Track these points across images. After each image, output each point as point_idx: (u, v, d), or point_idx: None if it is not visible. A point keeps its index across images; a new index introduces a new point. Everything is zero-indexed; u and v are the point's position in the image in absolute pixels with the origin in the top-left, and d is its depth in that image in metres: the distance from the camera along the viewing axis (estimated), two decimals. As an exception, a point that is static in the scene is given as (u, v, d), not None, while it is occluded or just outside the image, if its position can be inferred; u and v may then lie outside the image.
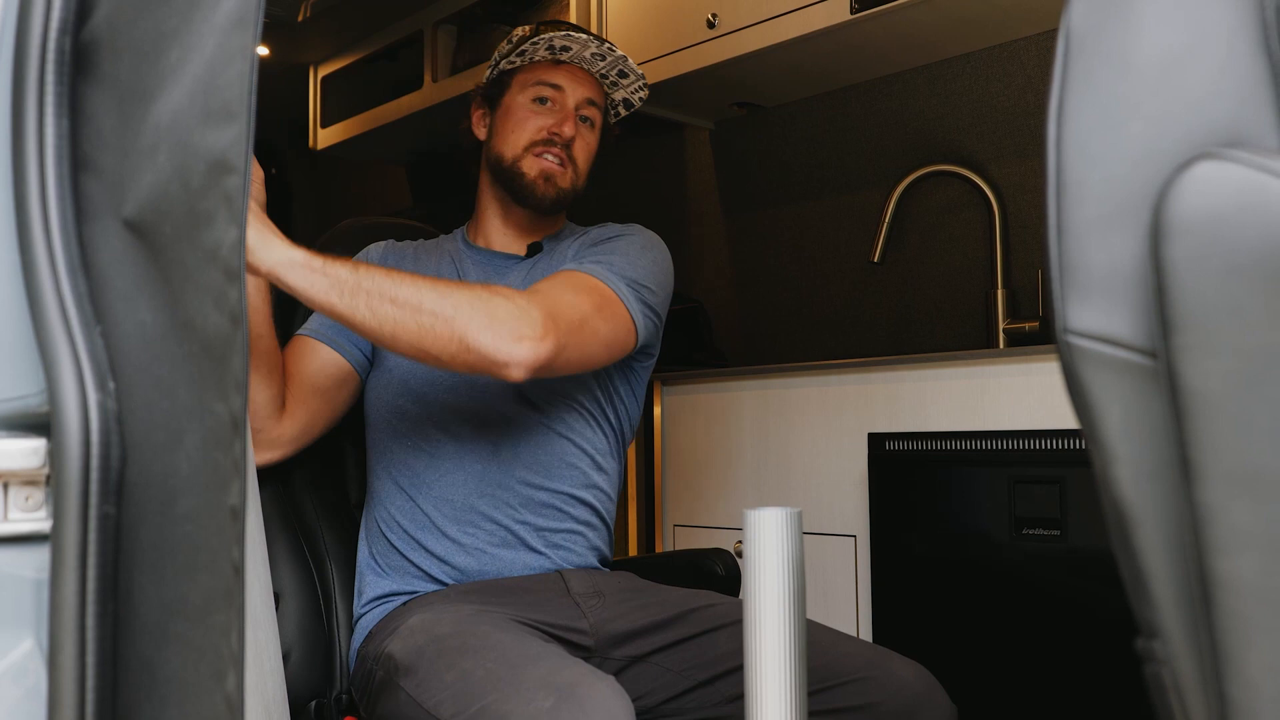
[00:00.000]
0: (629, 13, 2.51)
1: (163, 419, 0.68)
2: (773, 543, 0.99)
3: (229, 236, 0.66)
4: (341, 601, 1.58)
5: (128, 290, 0.69)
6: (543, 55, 1.62)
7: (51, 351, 0.67)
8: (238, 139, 0.66)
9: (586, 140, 1.66)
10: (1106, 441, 0.55)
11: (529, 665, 1.20)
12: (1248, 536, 0.51)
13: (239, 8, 0.67)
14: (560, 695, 1.12)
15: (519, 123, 1.63)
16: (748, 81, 2.50)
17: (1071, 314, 0.56)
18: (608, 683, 1.16)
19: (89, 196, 0.71)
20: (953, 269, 2.36)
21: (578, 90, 1.64)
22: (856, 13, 2.06)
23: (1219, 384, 0.51)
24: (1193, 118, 0.56)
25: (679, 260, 1.79)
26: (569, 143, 1.62)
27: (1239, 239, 0.50)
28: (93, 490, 0.65)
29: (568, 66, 1.64)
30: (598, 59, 1.63)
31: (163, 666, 0.67)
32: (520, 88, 1.65)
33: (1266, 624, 0.51)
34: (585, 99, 1.64)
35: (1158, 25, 0.58)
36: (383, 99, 3.20)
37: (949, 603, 1.80)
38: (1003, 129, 2.27)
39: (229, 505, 0.66)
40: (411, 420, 1.57)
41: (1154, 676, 0.56)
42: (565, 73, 1.64)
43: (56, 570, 0.65)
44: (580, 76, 1.64)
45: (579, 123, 1.64)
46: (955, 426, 1.80)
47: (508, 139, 1.63)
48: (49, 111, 0.70)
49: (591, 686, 1.14)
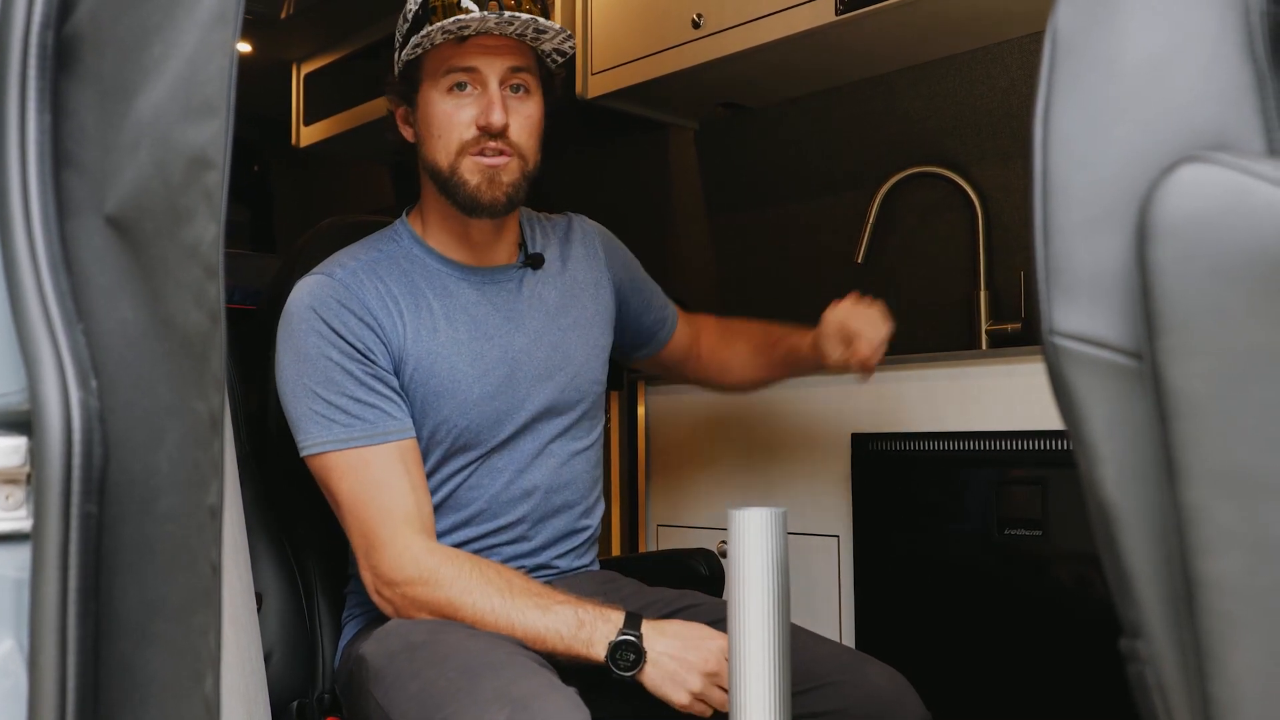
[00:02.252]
0: (614, 12, 2.51)
1: (144, 417, 0.68)
2: (757, 542, 0.99)
3: (208, 233, 0.66)
4: (324, 602, 1.58)
5: (109, 287, 0.69)
6: (442, 39, 1.39)
7: (33, 349, 0.67)
8: (217, 135, 0.65)
9: (524, 113, 1.44)
10: (1092, 442, 0.56)
11: (489, 676, 1.19)
12: (1231, 536, 0.51)
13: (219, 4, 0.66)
14: (515, 708, 1.12)
15: (442, 123, 1.43)
16: (732, 82, 2.50)
17: (1057, 315, 0.57)
18: (565, 695, 1.16)
19: (71, 192, 0.70)
20: (936, 270, 2.37)
21: (495, 64, 1.42)
22: (841, 14, 2.06)
23: (1203, 385, 0.51)
24: (1178, 121, 0.56)
25: (663, 259, 1.80)
26: (504, 130, 1.41)
27: (1224, 242, 0.51)
28: (74, 489, 0.65)
29: (475, 40, 1.40)
30: (505, 25, 1.39)
31: (143, 667, 0.66)
32: (431, 79, 1.44)
33: (1250, 623, 0.51)
34: (508, 69, 1.42)
35: (1143, 29, 0.58)
36: (366, 97, 3.18)
37: (932, 602, 1.80)
38: (986, 131, 2.28)
39: (208, 504, 0.66)
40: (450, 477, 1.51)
41: (1137, 676, 0.57)
42: (475, 48, 1.41)
43: (37, 570, 0.65)
44: (493, 44, 1.41)
45: (510, 96, 1.43)
46: (938, 427, 1.81)
47: (436, 145, 1.44)
48: (31, 107, 0.69)
49: (547, 699, 1.14)
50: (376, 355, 1.42)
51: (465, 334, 1.47)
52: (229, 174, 0.66)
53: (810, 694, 1.33)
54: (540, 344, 1.52)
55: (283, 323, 1.45)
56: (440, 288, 1.49)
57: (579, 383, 1.56)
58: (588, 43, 2.54)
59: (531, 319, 1.53)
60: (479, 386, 1.46)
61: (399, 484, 1.40)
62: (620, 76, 2.46)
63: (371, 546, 1.38)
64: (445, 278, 1.51)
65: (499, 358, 1.48)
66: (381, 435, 1.41)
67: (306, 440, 1.41)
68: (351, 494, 1.40)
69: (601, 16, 2.54)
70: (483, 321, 1.49)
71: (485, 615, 1.32)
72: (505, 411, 1.48)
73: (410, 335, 1.44)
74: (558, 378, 1.53)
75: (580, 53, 2.54)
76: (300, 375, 1.41)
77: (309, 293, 1.44)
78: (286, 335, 1.43)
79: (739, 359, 1.81)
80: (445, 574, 1.35)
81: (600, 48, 2.51)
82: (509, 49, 1.42)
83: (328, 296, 1.43)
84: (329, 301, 1.42)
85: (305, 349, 1.41)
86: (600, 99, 2.53)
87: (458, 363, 1.45)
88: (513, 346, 1.50)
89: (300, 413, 1.41)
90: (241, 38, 1.58)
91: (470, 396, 1.45)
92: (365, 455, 1.40)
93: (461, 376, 1.45)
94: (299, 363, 1.41)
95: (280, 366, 1.44)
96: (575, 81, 2.53)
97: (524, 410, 1.50)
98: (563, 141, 1.63)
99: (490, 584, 1.34)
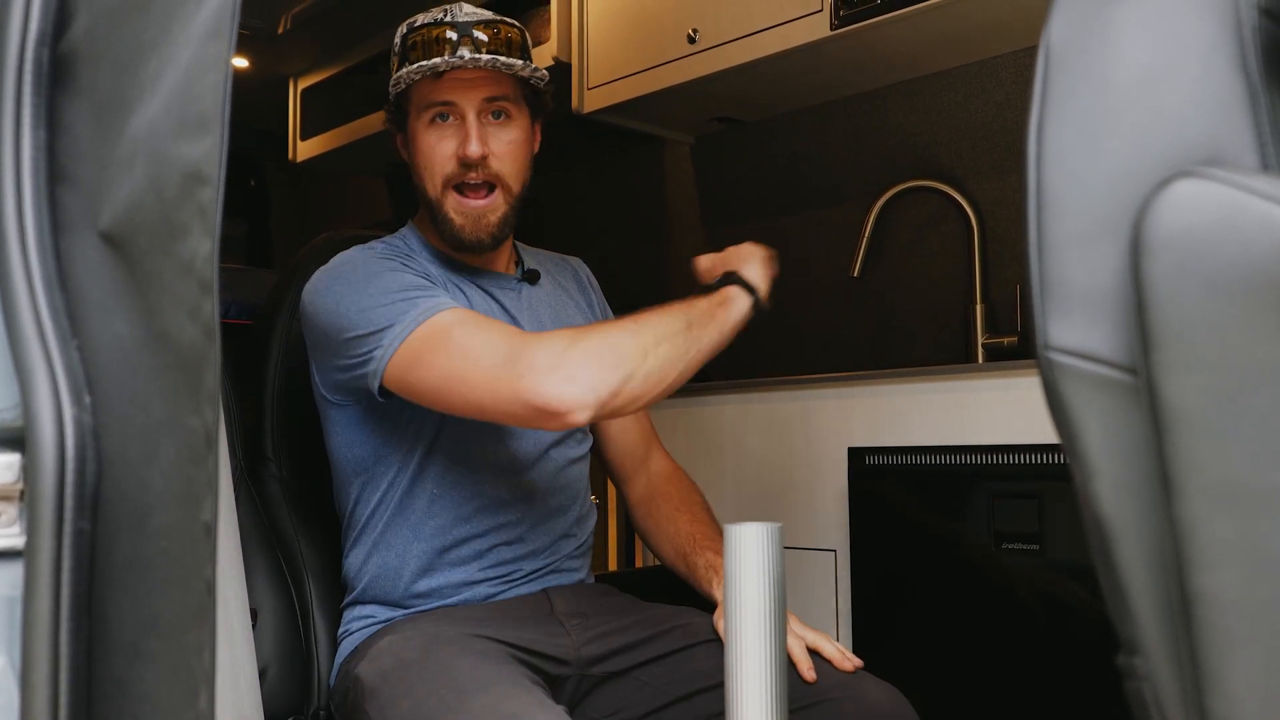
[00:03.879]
0: (609, 27, 2.52)
1: (138, 433, 0.68)
2: (753, 558, 0.98)
3: (203, 248, 0.66)
4: (320, 618, 1.57)
5: (104, 302, 0.69)
6: (420, 76, 1.44)
7: (27, 365, 0.67)
8: (212, 150, 0.65)
9: (505, 139, 1.48)
10: (1087, 457, 0.56)
11: (479, 693, 1.20)
12: (1228, 551, 0.51)
13: (214, 18, 0.66)
14: None
15: (427, 155, 1.47)
16: (728, 96, 2.51)
17: (1052, 330, 0.57)
18: (553, 713, 1.17)
19: (66, 208, 0.70)
20: (932, 284, 2.37)
21: (471, 95, 1.45)
22: (837, 29, 2.07)
23: (1198, 400, 0.51)
24: (1171, 135, 0.57)
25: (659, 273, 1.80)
26: (483, 160, 1.45)
27: (1218, 257, 0.51)
28: (67, 506, 0.64)
29: (451, 73, 1.44)
30: (474, 63, 1.43)
31: (136, 685, 0.66)
32: (416, 111, 1.49)
33: (1247, 638, 0.51)
34: (482, 99, 1.46)
35: (1136, 43, 0.58)
36: (363, 112, 3.19)
37: (929, 616, 1.80)
38: (981, 145, 2.29)
39: (202, 521, 0.66)
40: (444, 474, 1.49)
41: (1135, 693, 0.56)
42: (451, 82, 1.45)
43: (30, 586, 0.64)
44: (470, 76, 1.45)
45: (490, 123, 1.47)
46: (935, 441, 1.81)
47: (425, 176, 1.49)
48: (26, 123, 0.69)
49: (535, 716, 1.15)
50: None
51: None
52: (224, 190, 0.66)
53: (808, 711, 1.33)
54: None
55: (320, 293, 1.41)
56: (450, 282, 1.53)
57: None
58: (584, 58, 2.54)
59: (533, 323, 1.56)
60: None
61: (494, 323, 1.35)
62: (616, 91, 2.47)
63: (515, 360, 1.25)
64: (453, 274, 1.55)
65: None
66: (452, 303, 1.37)
67: (386, 340, 1.33)
68: (462, 345, 1.30)
69: (597, 32, 2.54)
70: (493, 316, 1.52)
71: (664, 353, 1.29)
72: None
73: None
74: None
75: (576, 68, 2.55)
76: (355, 303, 1.36)
77: (353, 252, 1.46)
78: (333, 291, 1.39)
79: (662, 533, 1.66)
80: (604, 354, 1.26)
81: (596, 63, 2.52)
82: (485, 80, 1.46)
83: (372, 254, 1.45)
84: (375, 256, 1.45)
85: (354, 282, 1.38)
86: (596, 114, 2.54)
87: None
88: None
89: (371, 326, 1.34)
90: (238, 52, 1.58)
91: None
92: (446, 318, 1.33)
93: None
94: (353, 297, 1.37)
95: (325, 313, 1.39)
96: (571, 96, 2.54)
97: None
98: (559, 156, 1.64)
99: (629, 331, 1.30)
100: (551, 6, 2.59)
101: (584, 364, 1.24)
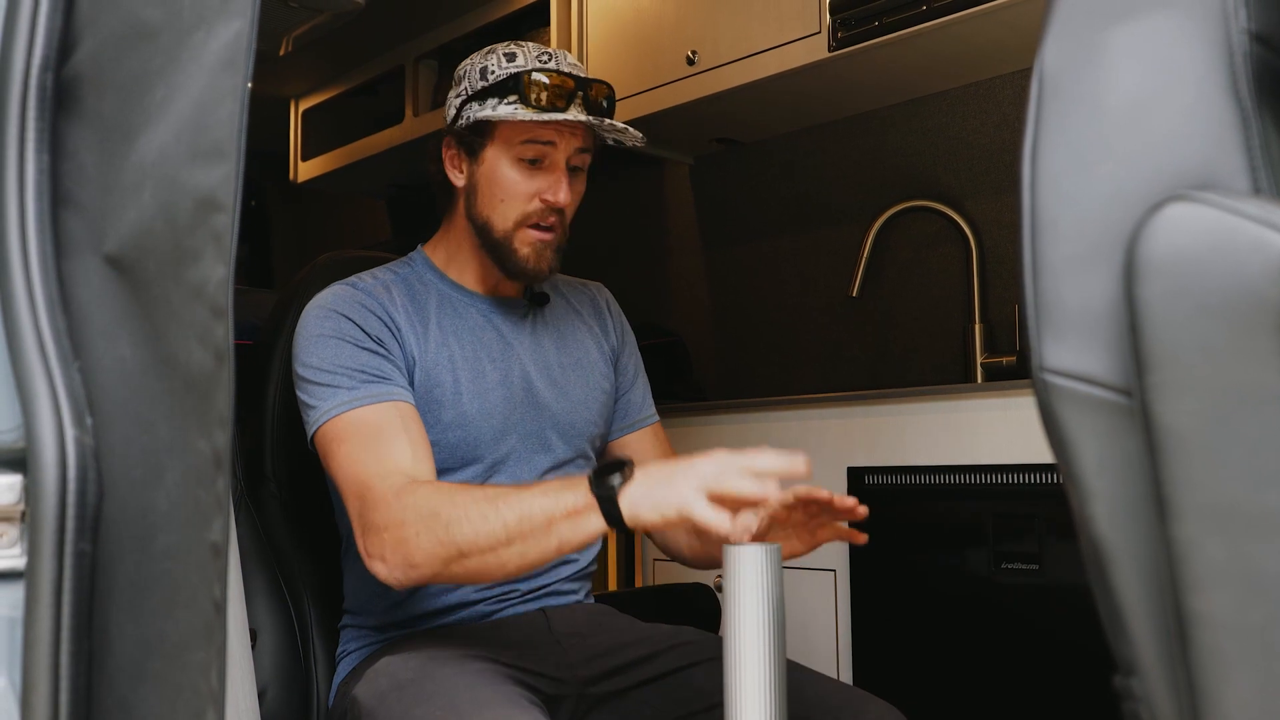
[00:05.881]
0: (609, 49, 2.53)
1: (141, 455, 0.68)
2: (753, 578, 0.99)
3: (216, 274, 0.66)
4: (319, 638, 1.57)
5: (108, 326, 0.69)
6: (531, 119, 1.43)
7: (29, 387, 0.67)
8: (227, 178, 0.66)
9: (576, 192, 1.51)
10: (1082, 479, 0.56)
11: (475, 714, 1.20)
12: (1223, 572, 0.51)
13: (229, 50, 0.67)
14: None
15: (509, 192, 1.47)
16: (727, 117, 2.52)
17: (1047, 352, 0.57)
18: None
19: (69, 232, 0.70)
20: (930, 304, 2.38)
21: (570, 143, 1.47)
22: (835, 50, 2.09)
23: (1192, 421, 0.52)
24: (1164, 159, 0.57)
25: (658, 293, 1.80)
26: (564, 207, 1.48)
27: (1210, 280, 0.51)
28: (69, 527, 0.65)
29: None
30: (611, 130, 1.47)
31: (139, 705, 0.66)
32: (506, 144, 1.47)
33: (1242, 659, 0.51)
34: (576, 149, 1.48)
35: (1129, 69, 0.59)
36: (363, 133, 3.21)
37: (928, 636, 1.80)
38: (979, 165, 2.30)
39: (210, 542, 0.66)
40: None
41: (1131, 713, 0.57)
42: (552, 129, 1.46)
43: (31, 608, 0.65)
44: (571, 128, 1.46)
45: (569, 175, 1.48)
46: (934, 461, 1.81)
47: (496, 208, 1.48)
48: (29, 147, 0.70)
49: None
50: (390, 348, 1.44)
51: (470, 351, 1.50)
52: (239, 216, 0.66)
53: (808, 730, 1.32)
54: (539, 373, 1.55)
55: (299, 329, 1.45)
56: (450, 310, 1.53)
57: (574, 419, 1.57)
58: (584, 79, 2.55)
59: (534, 349, 1.56)
60: (478, 402, 1.48)
61: (398, 440, 1.36)
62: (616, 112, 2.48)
63: (365, 504, 1.30)
64: (456, 301, 1.55)
65: (499, 379, 1.50)
66: (387, 395, 1.39)
67: (312, 416, 1.38)
68: (349, 456, 1.35)
69: (597, 53, 2.56)
70: (488, 344, 1.53)
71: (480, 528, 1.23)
72: (501, 431, 1.50)
73: (419, 344, 1.47)
74: (554, 408, 1.55)
75: (576, 89, 2.56)
76: (310, 359, 1.40)
77: (332, 295, 1.47)
78: (302, 336, 1.43)
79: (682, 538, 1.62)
80: (432, 503, 1.26)
81: (596, 84, 2.53)
82: (580, 130, 1.48)
83: (349, 299, 1.46)
84: (351, 302, 1.45)
85: (320, 335, 1.41)
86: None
87: (461, 375, 1.48)
88: (512, 371, 1.53)
89: (308, 394, 1.40)
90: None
91: (470, 410, 1.47)
92: (364, 414, 1.37)
93: (463, 389, 1.47)
94: (312, 351, 1.41)
95: (295, 367, 1.43)
96: (571, 117, 2.55)
97: (520, 430, 1.51)
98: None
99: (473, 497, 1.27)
100: (551, 27, 2.60)
101: (414, 542, 1.25)
